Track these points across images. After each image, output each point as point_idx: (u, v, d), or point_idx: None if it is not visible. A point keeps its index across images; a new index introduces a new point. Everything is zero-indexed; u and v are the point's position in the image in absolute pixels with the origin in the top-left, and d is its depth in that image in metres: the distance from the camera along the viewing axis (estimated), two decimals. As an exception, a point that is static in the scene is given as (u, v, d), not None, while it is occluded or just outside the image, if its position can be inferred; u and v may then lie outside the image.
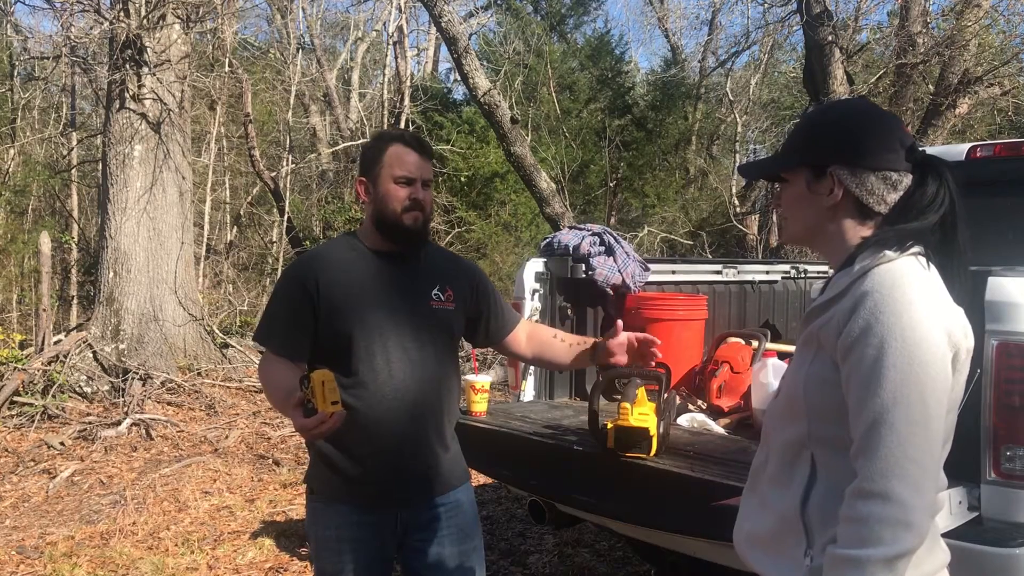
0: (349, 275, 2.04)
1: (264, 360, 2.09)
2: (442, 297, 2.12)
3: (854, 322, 1.29)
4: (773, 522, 1.44)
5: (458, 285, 2.18)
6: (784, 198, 1.47)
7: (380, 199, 2.04)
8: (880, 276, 1.32)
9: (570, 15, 18.78)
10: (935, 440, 1.26)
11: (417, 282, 2.10)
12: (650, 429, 2.39)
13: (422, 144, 2.11)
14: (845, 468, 1.31)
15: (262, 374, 2.09)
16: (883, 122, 1.44)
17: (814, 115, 1.57)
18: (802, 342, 1.45)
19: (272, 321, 2.07)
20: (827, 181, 1.41)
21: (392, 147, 2.06)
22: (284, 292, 2.07)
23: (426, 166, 2.08)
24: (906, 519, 1.22)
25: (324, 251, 2.20)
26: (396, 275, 2.07)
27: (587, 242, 3.47)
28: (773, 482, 1.47)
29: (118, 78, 7.75)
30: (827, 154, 1.41)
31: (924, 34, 8.70)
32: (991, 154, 3.59)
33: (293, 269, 2.14)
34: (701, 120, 18.38)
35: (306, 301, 2.00)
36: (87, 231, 13.41)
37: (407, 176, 2.03)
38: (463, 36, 7.92)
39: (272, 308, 2.09)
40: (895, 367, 1.24)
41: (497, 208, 15.00)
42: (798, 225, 1.46)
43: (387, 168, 2.04)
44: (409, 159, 2.04)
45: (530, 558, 4.16)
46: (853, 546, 1.23)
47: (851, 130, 1.44)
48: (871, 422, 1.25)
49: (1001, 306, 2.07)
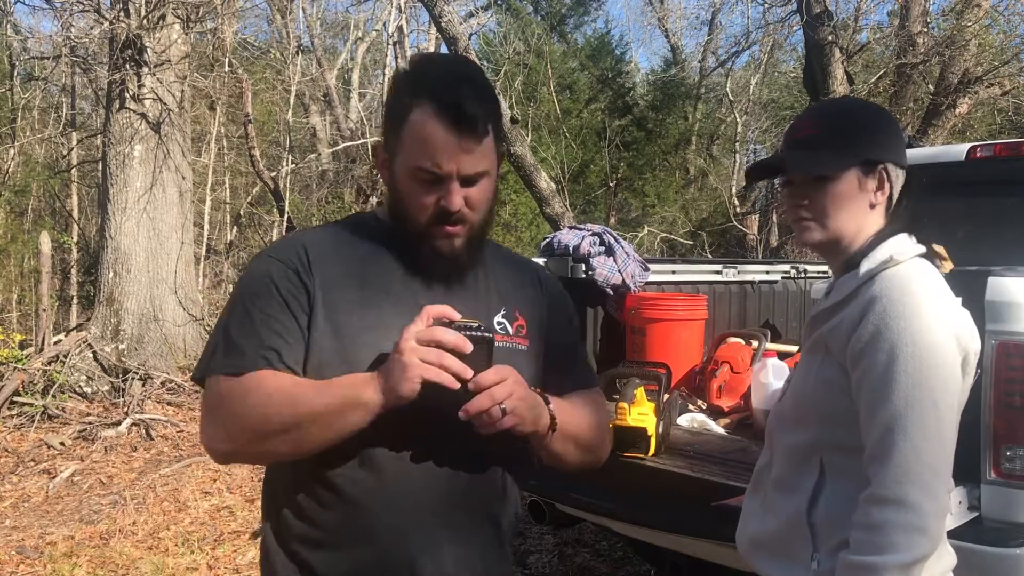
0: (364, 276, 1.31)
1: (221, 391, 1.25)
2: (510, 328, 1.39)
3: (864, 327, 1.29)
4: (779, 526, 1.43)
5: (532, 307, 1.44)
6: (823, 197, 1.38)
7: (397, 193, 1.30)
8: (888, 280, 1.32)
9: (570, 15, 18.77)
10: (948, 444, 1.26)
11: (472, 299, 1.35)
12: (648, 429, 2.39)
13: (468, 115, 1.22)
14: (854, 472, 1.31)
15: (239, 407, 1.23)
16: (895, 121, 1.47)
17: (853, 111, 1.50)
18: (809, 347, 1.45)
19: (239, 328, 1.27)
20: (876, 178, 1.40)
21: (418, 111, 1.24)
22: (257, 291, 1.29)
23: (474, 150, 1.24)
24: (922, 525, 1.21)
25: (322, 235, 1.39)
26: (438, 285, 1.33)
27: (587, 242, 3.47)
28: (779, 486, 1.46)
29: (118, 78, 7.75)
30: (881, 151, 1.40)
31: (924, 34, 8.69)
32: (991, 154, 3.59)
33: (272, 257, 1.32)
34: (701, 120, 18.37)
35: (295, 303, 1.27)
36: (87, 231, 13.41)
37: (434, 171, 1.24)
38: (463, 36, 7.91)
39: (236, 315, 1.29)
40: (907, 372, 1.24)
41: (497, 208, 14.97)
42: (838, 224, 1.39)
43: (407, 147, 1.26)
44: (438, 139, 1.22)
45: (530, 558, 4.15)
46: (869, 553, 1.23)
47: (890, 128, 1.44)
48: (884, 428, 1.24)
49: (1001, 306, 2.06)
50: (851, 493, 1.30)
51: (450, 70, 1.32)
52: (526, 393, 1.25)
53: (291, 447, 1.23)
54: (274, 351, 1.24)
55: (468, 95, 1.24)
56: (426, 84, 1.26)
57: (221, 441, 1.26)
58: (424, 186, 1.26)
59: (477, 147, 1.25)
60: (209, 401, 1.28)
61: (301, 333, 1.26)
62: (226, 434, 1.25)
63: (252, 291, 1.29)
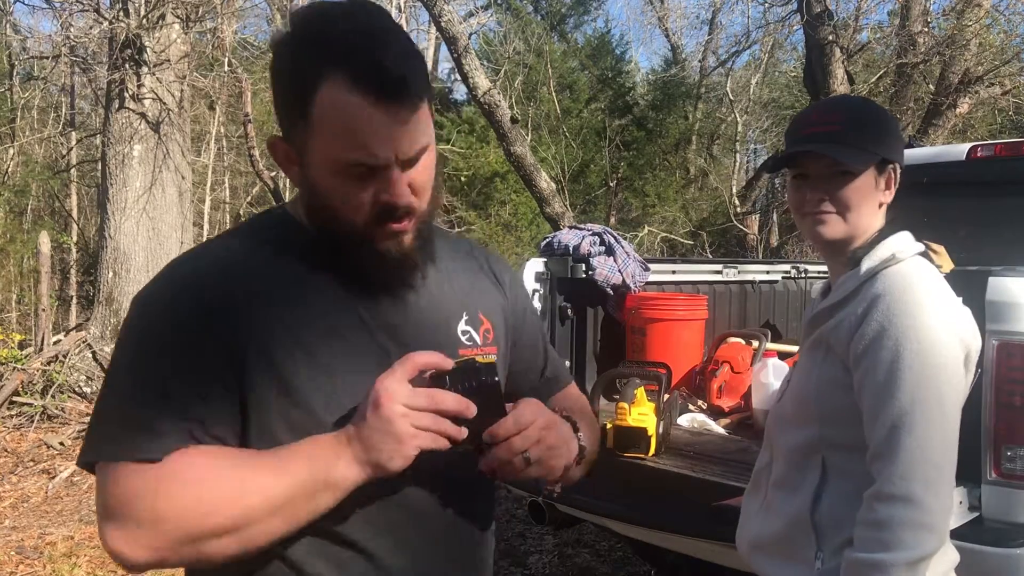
0: (296, 305, 1.01)
1: (131, 484, 0.93)
2: (477, 336, 1.15)
3: (867, 325, 1.29)
4: (781, 526, 1.43)
5: (491, 301, 1.20)
6: (847, 192, 1.38)
7: (318, 194, 1.01)
8: (891, 279, 1.32)
9: (570, 14, 18.78)
10: (952, 441, 1.26)
11: (431, 310, 1.11)
12: (648, 429, 2.38)
13: (395, 78, 0.93)
14: (857, 471, 1.30)
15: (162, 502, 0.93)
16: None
17: (870, 109, 1.50)
18: (810, 346, 1.45)
19: (143, 394, 0.95)
20: (886, 177, 1.41)
21: (327, 86, 0.93)
22: (159, 343, 0.97)
23: (411, 122, 0.95)
24: (928, 522, 1.21)
25: (228, 255, 1.05)
26: (387, 299, 1.06)
27: (587, 242, 3.47)
28: (780, 486, 1.46)
29: (117, 78, 7.74)
30: (893, 151, 1.41)
31: (925, 34, 8.69)
32: (992, 154, 3.59)
33: (172, 296, 1.00)
34: (701, 120, 18.37)
35: (215, 354, 0.96)
36: (86, 231, 13.41)
37: (366, 162, 0.95)
38: (463, 35, 7.91)
39: (136, 377, 0.97)
40: (911, 370, 1.24)
41: (497, 208, 15.00)
42: (858, 219, 1.39)
43: (321, 137, 0.95)
44: (364, 119, 0.93)
45: (530, 558, 4.15)
46: (875, 550, 1.22)
47: (898, 129, 1.46)
48: (889, 426, 1.24)
49: (1002, 306, 2.06)
50: (854, 491, 1.29)
51: (354, 22, 0.96)
52: (555, 437, 1.04)
53: (238, 547, 0.94)
54: (197, 421, 0.95)
55: (389, 50, 0.94)
56: (329, 47, 0.94)
57: (137, 549, 0.93)
58: (355, 181, 0.97)
59: (413, 117, 0.95)
60: (112, 497, 0.94)
61: (228, 394, 0.96)
62: (145, 541, 0.92)
63: (153, 344, 0.97)
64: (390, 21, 1.00)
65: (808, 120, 1.45)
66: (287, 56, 0.98)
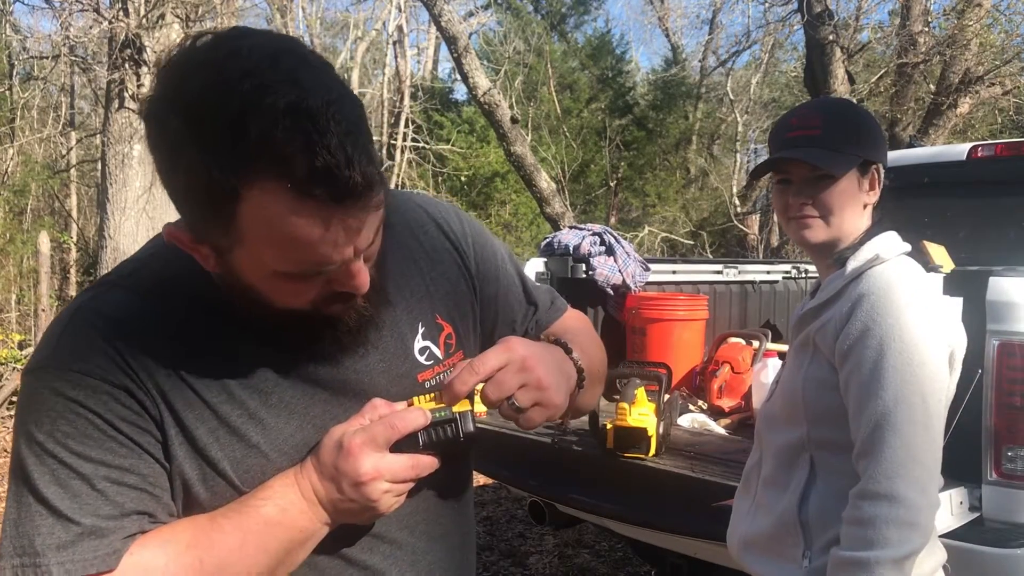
0: (225, 366, 0.87)
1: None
2: (437, 350, 1.01)
3: (852, 325, 1.30)
4: (769, 524, 1.44)
5: (453, 290, 1.05)
6: (829, 196, 1.39)
7: (248, 291, 0.84)
8: (875, 278, 1.33)
9: (570, 14, 18.79)
10: (936, 439, 1.27)
11: (381, 341, 0.96)
12: (648, 429, 2.38)
13: (353, 179, 0.72)
14: (844, 469, 1.31)
15: None
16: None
17: (849, 111, 1.51)
18: (797, 346, 1.46)
19: (71, 495, 0.80)
20: (869, 179, 1.42)
21: (260, 194, 0.72)
22: (72, 431, 0.81)
23: (368, 217, 0.78)
24: (913, 519, 1.22)
25: (135, 315, 0.87)
26: (333, 349, 0.92)
27: (587, 242, 3.46)
28: (769, 484, 1.47)
29: (117, 77, 7.75)
30: (875, 152, 1.42)
31: (925, 33, 8.69)
32: (992, 154, 3.59)
33: (77, 373, 0.82)
34: (702, 120, 18.38)
35: (143, 437, 0.84)
36: (86, 231, 13.41)
37: (318, 270, 0.80)
38: (463, 35, 7.91)
39: (57, 475, 0.80)
40: (895, 368, 1.25)
41: (497, 208, 15.01)
42: (841, 223, 1.40)
43: (256, 247, 0.77)
44: (316, 233, 0.75)
45: (530, 558, 4.15)
46: (860, 548, 1.23)
47: (879, 129, 1.47)
48: (874, 424, 1.25)
49: (1002, 306, 2.06)
50: (841, 490, 1.30)
51: (275, 93, 0.70)
52: (542, 371, 0.92)
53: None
54: (146, 515, 0.83)
55: (331, 136, 0.70)
56: (255, 139, 0.69)
57: None
58: (300, 280, 0.81)
59: (371, 213, 0.78)
60: None
61: (167, 479, 0.85)
62: None
63: (64, 433, 0.80)
64: (315, 69, 0.75)
65: (788, 124, 1.46)
66: (183, 138, 0.72)
